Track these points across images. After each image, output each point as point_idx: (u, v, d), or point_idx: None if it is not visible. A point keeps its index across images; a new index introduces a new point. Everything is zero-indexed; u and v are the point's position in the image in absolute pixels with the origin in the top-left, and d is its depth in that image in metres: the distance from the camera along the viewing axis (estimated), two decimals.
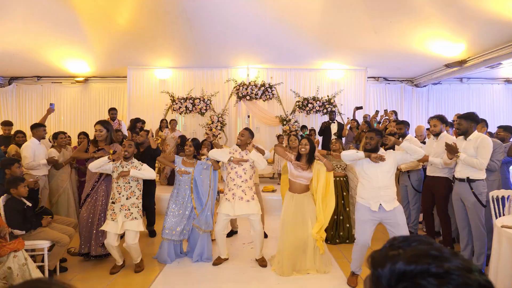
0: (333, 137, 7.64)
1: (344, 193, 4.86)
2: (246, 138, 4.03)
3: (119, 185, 3.81)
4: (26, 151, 4.74)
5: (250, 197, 3.92)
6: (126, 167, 3.84)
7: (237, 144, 4.10)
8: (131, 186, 3.83)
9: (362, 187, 3.44)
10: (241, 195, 3.90)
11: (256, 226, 3.94)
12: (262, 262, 4.02)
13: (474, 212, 3.65)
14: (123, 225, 3.72)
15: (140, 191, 3.90)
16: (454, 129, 5.63)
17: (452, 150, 3.70)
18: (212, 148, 5.05)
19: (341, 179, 4.89)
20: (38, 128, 4.94)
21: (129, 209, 3.76)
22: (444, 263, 0.59)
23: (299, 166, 3.74)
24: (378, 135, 3.40)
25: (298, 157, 3.86)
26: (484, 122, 4.34)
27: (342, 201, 4.83)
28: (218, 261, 4.07)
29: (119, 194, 3.79)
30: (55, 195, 5.01)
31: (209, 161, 4.23)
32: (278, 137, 8.03)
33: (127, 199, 3.79)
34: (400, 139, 4.99)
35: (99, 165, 3.81)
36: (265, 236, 4.98)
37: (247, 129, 4.12)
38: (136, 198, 3.84)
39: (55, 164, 5.01)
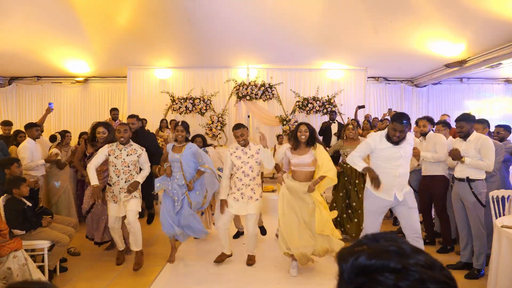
0: (332, 137, 7.64)
1: (357, 181, 4.60)
2: (246, 136, 3.85)
3: (117, 169, 3.82)
4: (24, 152, 4.70)
5: (259, 195, 3.82)
6: (124, 150, 3.85)
7: (241, 145, 3.85)
8: (130, 170, 3.86)
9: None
10: (250, 194, 3.76)
11: (251, 226, 3.81)
12: (249, 261, 3.93)
13: (473, 212, 3.65)
14: (124, 204, 3.79)
15: (137, 173, 3.94)
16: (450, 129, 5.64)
17: (456, 156, 3.70)
18: (205, 142, 4.84)
19: None
20: (30, 129, 4.92)
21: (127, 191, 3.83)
22: (404, 259, 0.59)
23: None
24: (407, 127, 3.10)
25: (296, 146, 3.64)
26: (486, 123, 4.34)
27: (355, 189, 4.59)
28: (221, 258, 3.94)
29: (118, 177, 3.83)
30: (56, 195, 4.99)
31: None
32: (278, 136, 8.02)
33: (125, 182, 3.83)
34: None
35: (98, 161, 3.83)
36: (264, 232, 4.84)
37: (239, 125, 3.83)
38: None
39: (58, 163, 5.00)
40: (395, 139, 3.07)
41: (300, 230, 3.55)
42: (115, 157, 3.83)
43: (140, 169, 4.00)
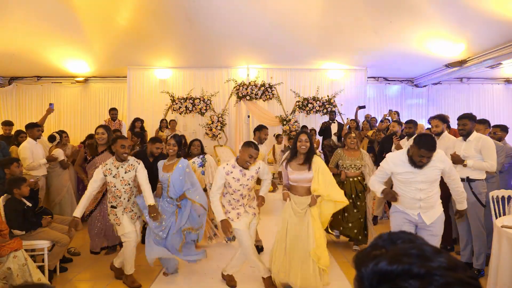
0: (332, 137, 7.64)
1: (360, 194, 4.28)
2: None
3: (117, 189, 3.51)
4: (24, 152, 4.70)
5: (255, 209, 3.48)
6: (121, 167, 3.55)
7: (244, 167, 3.33)
8: (131, 187, 3.59)
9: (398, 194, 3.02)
10: (249, 211, 3.43)
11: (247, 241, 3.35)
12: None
13: (473, 212, 3.65)
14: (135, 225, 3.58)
15: (135, 187, 3.69)
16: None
17: (457, 160, 3.69)
18: (202, 148, 4.57)
19: (355, 179, 4.33)
20: (32, 129, 4.92)
21: (132, 210, 3.58)
22: (426, 263, 0.58)
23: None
24: (432, 152, 2.77)
25: (294, 156, 3.36)
26: (487, 123, 4.33)
27: (359, 202, 4.27)
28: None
29: (120, 198, 3.54)
30: (60, 194, 4.99)
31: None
32: (278, 136, 8.00)
33: (128, 200, 3.58)
34: (406, 138, 5.00)
35: (94, 187, 3.53)
36: (261, 249, 4.41)
37: (253, 147, 3.27)
38: (135, 197, 3.65)
39: (62, 163, 5.01)
40: (420, 164, 2.80)
41: (292, 253, 3.30)
42: (113, 177, 3.49)
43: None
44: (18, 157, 4.87)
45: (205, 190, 4.20)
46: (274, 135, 8.12)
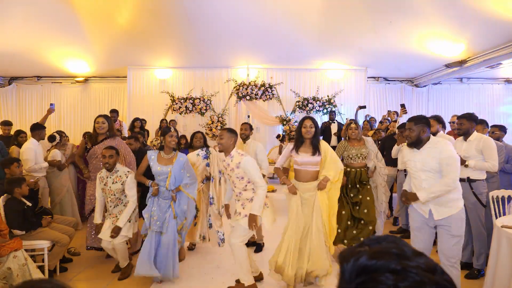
0: (332, 137, 7.64)
1: (358, 185, 4.02)
2: (227, 141, 3.18)
3: (107, 196, 3.73)
4: (28, 154, 4.63)
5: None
6: (110, 177, 3.70)
7: (219, 151, 3.31)
8: (117, 198, 3.73)
9: (411, 185, 2.98)
10: (239, 210, 3.25)
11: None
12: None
13: (474, 212, 3.65)
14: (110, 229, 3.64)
15: (126, 197, 3.74)
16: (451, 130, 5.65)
17: (460, 162, 3.68)
18: (205, 141, 4.60)
19: (360, 169, 4.06)
20: (41, 130, 4.88)
21: (116, 216, 3.70)
22: (405, 261, 0.60)
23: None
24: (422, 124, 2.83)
25: (299, 143, 3.30)
26: (485, 123, 4.33)
27: (360, 193, 4.00)
28: None
29: (108, 205, 3.78)
30: (59, 195, 4.98)
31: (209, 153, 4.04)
32: (283, 138, 7.90)
33: (114, 207, 3.74)
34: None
35: (99, 190, 3.76)
36: (261, 247, 4.44)
37: (226, 130, 3.25)
38: (124, 205, 3.73)
39: (58, 165, 4.99)
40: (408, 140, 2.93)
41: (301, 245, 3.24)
42: (104, 185, 3.71)
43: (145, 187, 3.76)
44: (18, 157, 4.87)
45: (208, 179, 4.25)
46: (278, 136, 8.04)
